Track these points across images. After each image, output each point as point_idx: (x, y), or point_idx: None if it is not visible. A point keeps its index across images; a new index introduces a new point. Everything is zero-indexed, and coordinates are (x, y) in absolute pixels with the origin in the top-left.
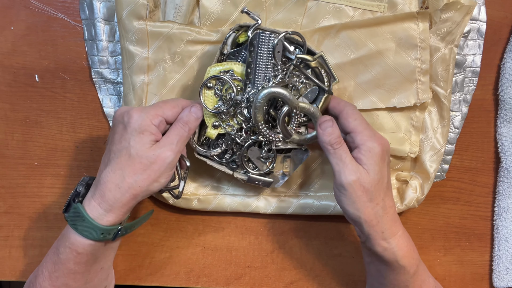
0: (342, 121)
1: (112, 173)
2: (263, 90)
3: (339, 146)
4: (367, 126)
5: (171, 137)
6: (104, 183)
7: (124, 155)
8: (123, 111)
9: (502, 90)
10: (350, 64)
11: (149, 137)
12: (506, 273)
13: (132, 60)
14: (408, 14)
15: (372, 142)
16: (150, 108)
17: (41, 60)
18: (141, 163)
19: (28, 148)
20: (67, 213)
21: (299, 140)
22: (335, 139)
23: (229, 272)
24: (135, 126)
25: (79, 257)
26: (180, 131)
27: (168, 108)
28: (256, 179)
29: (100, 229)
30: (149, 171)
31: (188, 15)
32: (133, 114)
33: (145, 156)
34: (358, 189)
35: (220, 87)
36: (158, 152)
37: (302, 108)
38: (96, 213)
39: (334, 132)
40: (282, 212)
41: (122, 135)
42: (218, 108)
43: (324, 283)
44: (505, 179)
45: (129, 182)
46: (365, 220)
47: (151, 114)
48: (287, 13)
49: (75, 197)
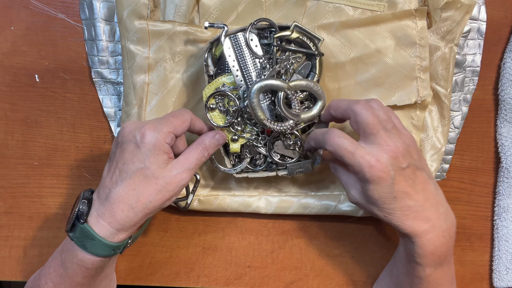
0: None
1: (125, 193)
2: (251, 89)
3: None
4: (361, 100)
5: (190, 160)
6: (115, 203)
7: (138, 176)
8: (134, 128)
9: (502, 90)
10: (350, 63)
11: (163, 156)
12: (506, 273)
13: (133, 59)
14: (406, 12)
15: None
16: (162, 125)
17: (41, 60)
18: (157, 184)
19: (28, 148)
20: (72, 233)
21: (310, 116)
22: (349, 149)
23: (229, 272)
24: (149, 147)
25: (88, 271)
26: (199, 155)
27: (178, 124)
28: (296, 169)
29: (111, 247)
30: (164, 191)
31: (188, 15)
32: (146, 132)
33: (161, 177)
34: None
35: (221, 103)
36: (174, 174)
37: (294, 86)
38: (107, 232)
39: (343, 143)
40: (283, 212)
41: (134, 155)
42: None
43: (324, 283)
44: (505, 179)
45: (143, 202)
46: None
47: (164, 133)
48: (287, 13)
49: (79, 216)
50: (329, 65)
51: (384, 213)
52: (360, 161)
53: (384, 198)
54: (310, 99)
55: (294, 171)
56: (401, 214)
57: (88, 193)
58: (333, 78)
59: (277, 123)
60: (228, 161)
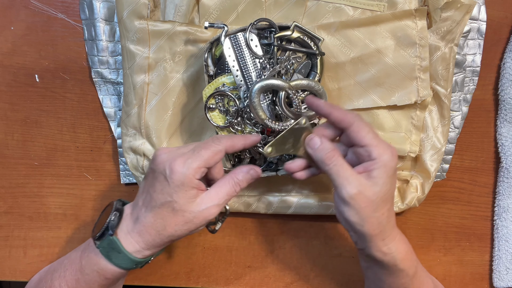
0: (353, 134)
1: (154, 220)
2: (252, 89)
3: (334, 161)
4: (379, 138)
5: (220, 195)
6: (144, 226)
7: (166, 208)
8: (165, 160)
9: (502, 90)
10: (350, 63)
11: (192, 191)
12: (506, 273)
13: (133, 59)
14: (406, 12)
15: (388, 155)
16: (192, 160)
17: (41, 60)
18: (184, 217)
19: (28, 148)
20: (99, 241)
21: (310, 116)
22: (327, 154)
23: (229, 272)
24: (177, 183)
25: (106, 281)
26: (231, 190)
27: (210, 157)
28: None
29: (135, 262)
30: (190, 224)
31: (188, 15)
32: (174, 168)
33: (189, 211)
34: (361, 201)
35: (221, 104)
36: (202, 209)
37: (295, 85)
38: (134, 249)
39: (325, 148)
40: (283, 212)
41: (163, 187)
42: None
43: (324, 283)
44: (505, 179)
45: (169, 231)
46: (368, 230)
47: (193, 169)
48: (287, 13)
49: (110, 227)
50: (329, 65)
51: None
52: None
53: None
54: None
55: None
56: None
57: (120, 204)
58: (333, 78)
59: (278, 122)
60: (228, 161)
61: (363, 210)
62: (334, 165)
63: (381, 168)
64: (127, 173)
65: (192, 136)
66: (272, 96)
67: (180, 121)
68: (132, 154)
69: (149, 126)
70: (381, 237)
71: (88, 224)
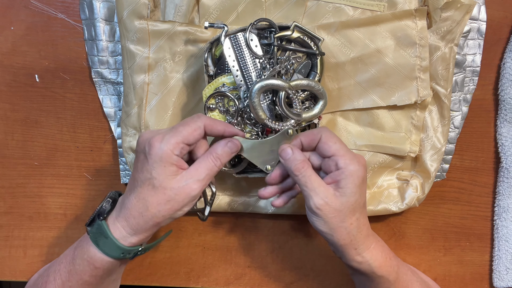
0: (321, 145)
1: (136, 201)
2: (252, 89)
3: (302, 172)
4: (347, 148)
5: (200, 170)
6: (128, 209)
7: (147, 186)
8: (145, 138)
9: (502, 90)
10: (350, 63)
11: (171, 167)
12: (506, 273)
13: (133, 59)
14: (406, 12)
15: (355, 165)
16: (170, 135)
17: (41, 60)
18: (165, 194)
19: (28, 148)
20: (90, 227)
21: (311, 116)
22: (296, 165)
23: (229, 272)
24: (156, 158)
25: (96, 271)
26: (210, 164)
27: (189, 133)
28: None
29: (122, 249)
30: (173, 202)
31: (188, 15)
32: (153, 144)
33: (169, 187)
34: (328, 211)
35: (221, 104)
36: (183, 185)
37: (295, 86)
38: (120, 234)
39: (295, 159)
40: (282, 212)
41: (143, 165)
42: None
43: (324, 283)
44: (505, 179)
45: (152, 212)
46: (338, 240)
47: (172, 144)
48: (287, 13)
49: (100, 213)
50: (329, 65)
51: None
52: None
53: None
54: (310, 99)
55: None
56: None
57: (116, 194)
58: (333, 78)
59: (278, 122)
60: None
61: (330, 220)
62: (303, 176)
63: (347, 178)
64: (127, 173)
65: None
66: (272, 96)
67: (180, 121)
68: (132, 154)
69: (149, 126)
70: (352, 247)
71: None
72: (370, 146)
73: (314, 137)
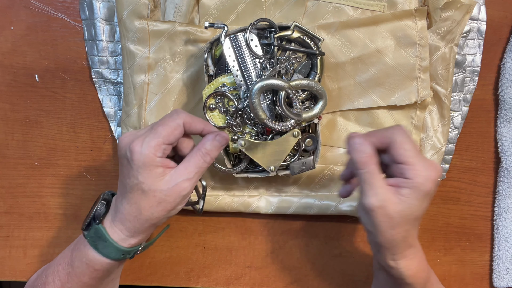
0: (393, 150)
1: (129, 206)
2: (252, 89)
3: (366, 167)
4: (420, 156)
5: (189, 168)
6: (122, 214)
7: (136, 191)
8: (125, 143)
9: (502, 90)
10: (350, 63)
11: (157, 170)
12: (506, 273)
13: (133, 59)
14: (406, 12)
15: (424, 178)
16: (150, 138)
17: (41, 60)
18: (156, 197)
19: (28, 148)
20: (87, 232)
21: (311, 116)
22: (363, 158)
23: (229, 272)
24: (139, 164)
25: (95, 273)
26: (199, 161)
27: (168, 133)
28: (298, 167)
29: (122, 251)
30: (165, 203)
31: (188, 15)
32: (133, 149)
33: (159, 190)
34: (380, 215)
35: (221, 103)
36: (172, 185)
37: (295, 85)
38: (118, 237)
39: (363, 151)
40: (283, 212)
41: (129, 171)
42: (227, 123)
43: (324, 283)
44: (505, 179)
45: (146, 215)
46: (379, 241)
47: (152, 147)
48: (287, 13)
49: (96, 217)
50: (329, 65)
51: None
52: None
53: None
54: (310, 99)
55: (296, 169)
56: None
57: (109, 194)
58: (333, 78)
59: (278, 122)
60: (228, 161)
61: (380, 223)
62: (366, 172)
63: (412, 189)
64: None
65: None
66: (272, 96)
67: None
68: None
69: None
70: (390, 252)
71: None
72: None
73: (385, 140)
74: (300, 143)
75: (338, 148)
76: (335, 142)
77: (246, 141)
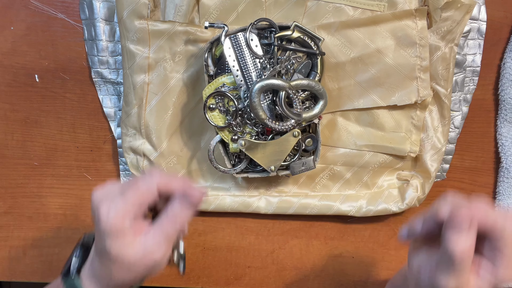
0: (492, 242)
1: (101, 267)
2: (252, 89)
3: (461, 264)
4: None
5: (157, 237)
6: (97, 271)
7: (105, 256)
8: (95, 204)
9: (502, 90)
10: (350, 63)
11: (124, 238)
12: None
13: (133, 59)
14: (406, 12)
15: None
16: (118, 204)
17: (41, 60)
18: (124, 265)
19: (28, 148)
20: (65, 280)
21: (311, 116)
22: (465, 256)
23: (229, 272)
24: (104, 231)
25: None
26: (168, 228)
27: (138, 199)
28: (298, 167)
29: None
30: (135, 272)
31: (188, 15)
32: (100, 214)
33: (126, 259)
34: None
35: (221, 103)
36: (140, 256)
37: (295, 85)
38: None
39: (468, 239)
40: (283, 212)
41: (98, 233)
42: (227, 122)
43: (324, 283)
44: (505, 179)
45: (115, 280)
46: None
47: (120, 213)
48: (287, 13)
49: (74, 268)
50: (329, 65)
51: None
52: None
53: None
54: (310, 99)
55: (296, 169)
56: None
57: (90, 239)
58: (333, 78)
59: (278, 122)
60: (228, 161)
61: None
62: (458, 264)
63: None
64: (127, 173)
65: (192, 137)
66: (272, 96)
67: (180, 121)
68: (132, 154)
69: (149, 126)
70: None
71: (88, 224)
72: (370, 146)
73: (488, 226)
74: (300, 143)
75: (338, 148)
76: (335, 142)
77: (246, 141)
